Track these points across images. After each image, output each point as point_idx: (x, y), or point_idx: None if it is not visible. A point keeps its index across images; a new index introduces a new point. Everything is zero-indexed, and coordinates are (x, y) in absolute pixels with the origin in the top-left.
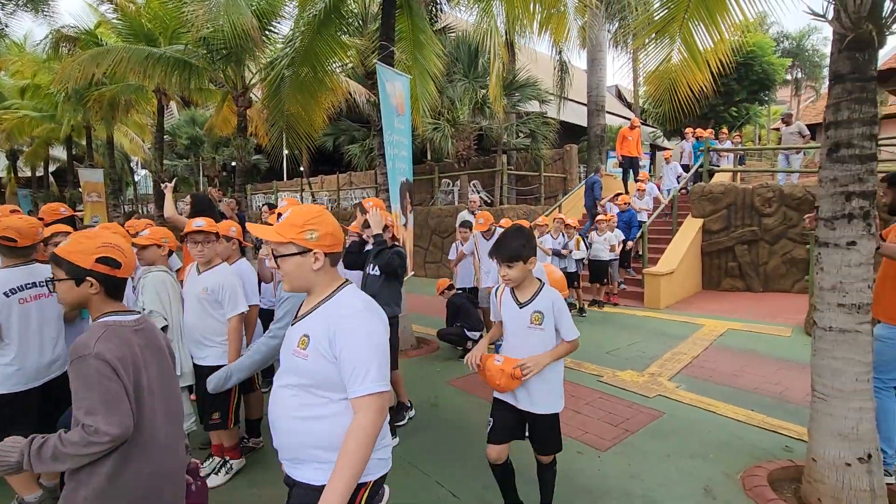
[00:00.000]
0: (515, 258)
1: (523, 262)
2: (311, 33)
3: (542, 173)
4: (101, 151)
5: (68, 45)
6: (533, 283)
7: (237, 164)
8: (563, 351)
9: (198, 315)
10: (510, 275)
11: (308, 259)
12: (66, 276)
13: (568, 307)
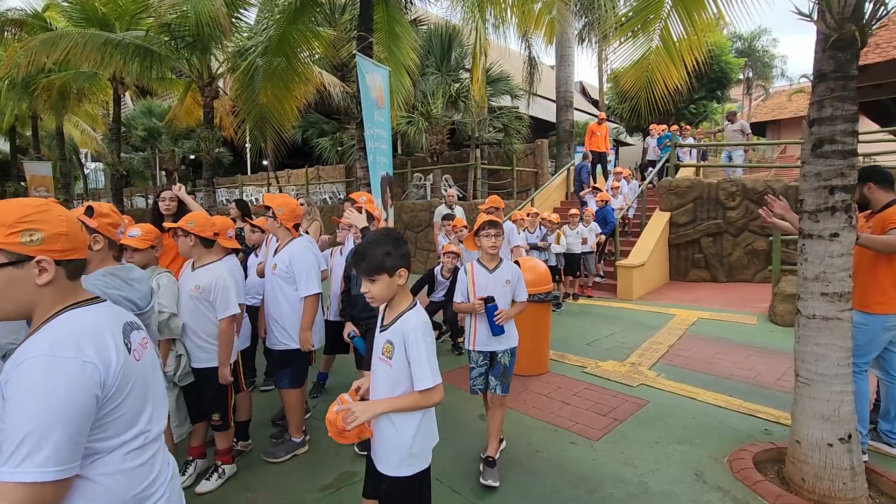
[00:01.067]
0: (377, 270)
1: (388, 275)
2: (286, 22)
3: (514, 168)
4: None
5: (13, 28)
6: (403, 302)
7: (204, 158)
8: (407, 403)
9: (191, 313)
10: (372, 291)
11: (27, 272)
12: None
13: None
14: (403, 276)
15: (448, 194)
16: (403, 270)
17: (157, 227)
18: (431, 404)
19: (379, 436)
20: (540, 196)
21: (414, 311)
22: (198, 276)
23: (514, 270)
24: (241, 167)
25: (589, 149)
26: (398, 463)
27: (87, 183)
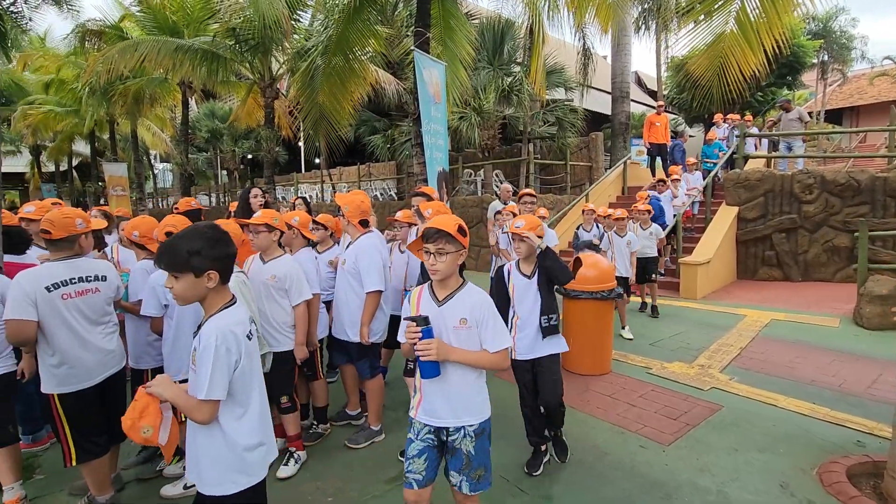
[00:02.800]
0: (180, 268)
1: (194, 275)
2: (345, 21)
3: (567, 162)
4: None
5: (93, 39)
6: (212, 307)
7: (265, 156)
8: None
9: (265, 302)
10: (175, 289)
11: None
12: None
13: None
14: (214, 278)
15: (503, 189)
16: (215, 274)
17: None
18: (203, 420)
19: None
20: (595, 191)
21: (218, 315)
22: (272, 266)
23: (479, 301)
24: (296, 166)
25: (648, 141)
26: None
27: (156, 182)
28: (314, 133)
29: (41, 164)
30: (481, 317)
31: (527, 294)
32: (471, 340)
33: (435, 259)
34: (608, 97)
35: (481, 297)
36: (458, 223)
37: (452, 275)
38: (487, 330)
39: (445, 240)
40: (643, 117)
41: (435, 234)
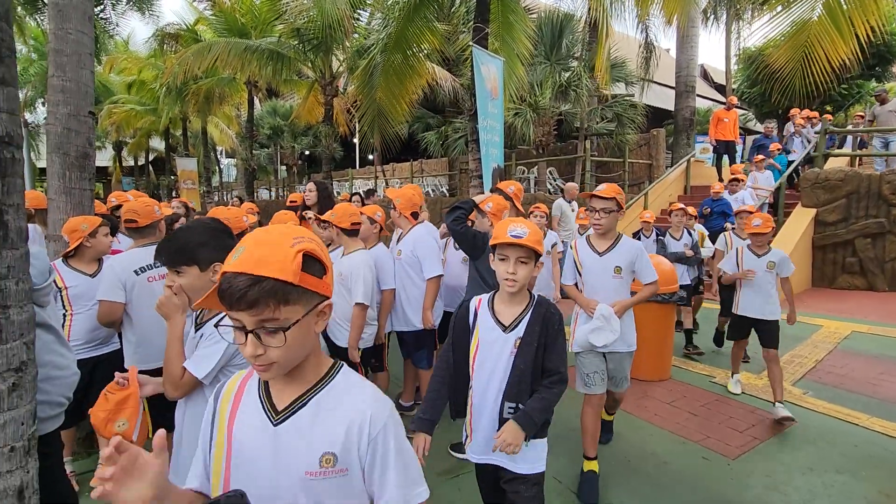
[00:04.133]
0: (184, 261)
1: (199, 268)
2: (404, 18)
3: (626, 160)
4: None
5: (171, 42)
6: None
7: (324, 152)
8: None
9: (334, 296)
10: (177, 285)
11: None
12: None
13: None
14: (217, 268)
15: (568, 188)
16: (219, 265)
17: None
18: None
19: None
20: (654, 190)
21: None
22: (342, 263)
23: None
24: (350, 161)
25: (714, 137)
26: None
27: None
28: (370, 130)
29: (122, 158)
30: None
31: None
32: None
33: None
34: (671, 92)
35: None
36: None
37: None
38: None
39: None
40: (709, 113)
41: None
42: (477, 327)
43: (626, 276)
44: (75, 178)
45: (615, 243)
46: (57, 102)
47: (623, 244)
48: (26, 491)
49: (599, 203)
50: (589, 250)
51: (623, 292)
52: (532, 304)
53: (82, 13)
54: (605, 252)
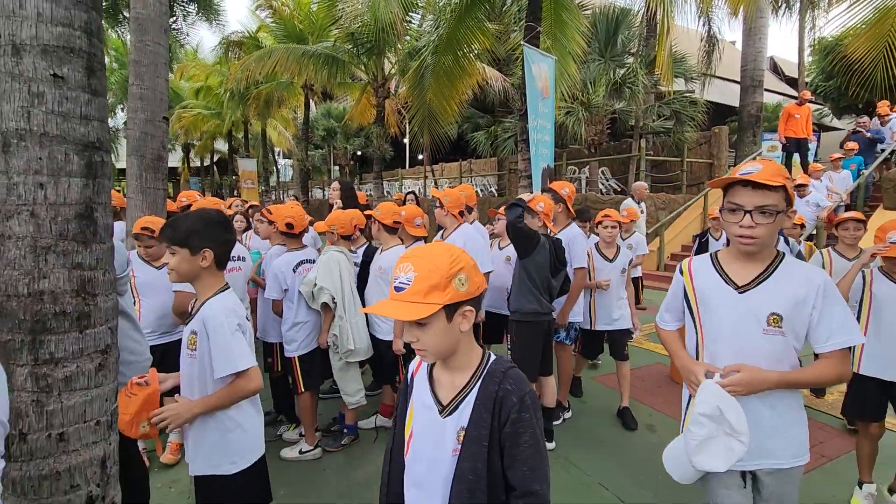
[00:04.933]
0: (178, 242)
1: (189, 251)
2: (455, 20)
3: (684, 159)
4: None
5: (235, 49)
6: (207, 290)
7: (375, 153)
8: (221, 398)
9: (373, 291)
10: (171, 263)
11: None
12: None
13: None
14: (208, 259)
15: (636, 188)
16: (209, 253)
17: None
18: (249, 393)
19: None
20: (716, 191)
21: (219, 297)
22: (382, 258)
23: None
24: (401, 161)
25: (784, 135)
26: None
27: (279, 176)
28: (420, 130)
29: (190, 159)
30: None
31: None
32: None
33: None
34: (736, 87)
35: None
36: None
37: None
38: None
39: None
40: (779, 108)
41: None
42: (412, 400)
43: (791, 331)
44: (150, 178)
45: (770, 269)
46: (135, 109)
47: (788, 270)
48: (108, 461)
49: (756, 197)
50: (718, 279)
51: (781, 358)
52: (480, 374)
53: (159, 26)
54: (750, 286)
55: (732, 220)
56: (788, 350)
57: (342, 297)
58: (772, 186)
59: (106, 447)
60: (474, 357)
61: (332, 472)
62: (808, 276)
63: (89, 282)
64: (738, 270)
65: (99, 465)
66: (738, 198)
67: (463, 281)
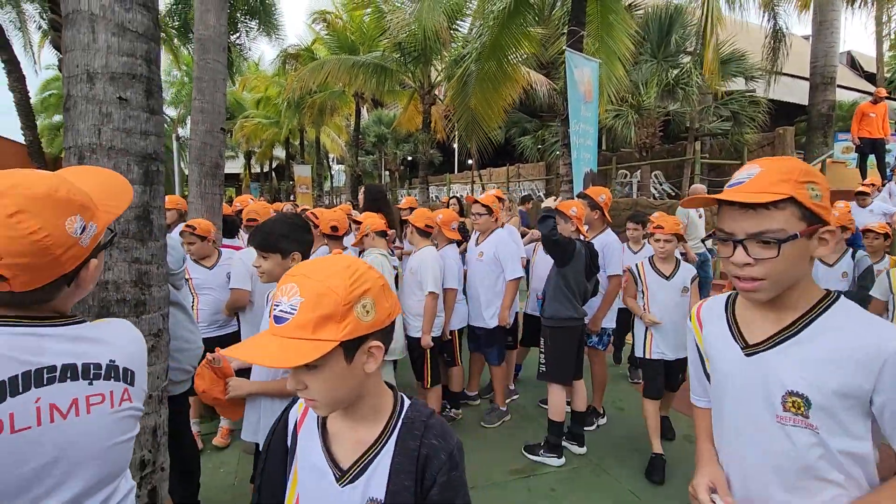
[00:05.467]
0: (269, 248)
1: (281, 255)
2: (498, 27)
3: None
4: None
5: (292, 61)
6: None
7: (420, 158)
8: (282, 386)
9: (406, 293)
10: (262, 267)
11: None
12: None
13: None
14: (297, 260)
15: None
16: (298, 255)
17: None
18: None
19: None
20: None
21: None
22: (412, 259)
23: None
24: (449, 166)
25: (858, 135)
26: None
27: (332, 182)
28: (466, 135)
29: (251, 166)
30: None
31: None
32: None
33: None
34: (805, 84)
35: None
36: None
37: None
38: None
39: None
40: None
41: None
42: (296, 460)
43: (830, 423)
44: (209, 184)
45: (804, 320)
46: (197, 121)
47: (837, 323)
48: (158, 431)
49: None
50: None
51: (818, 466)
52: (394, 425)
53: (218, 45)
54: (762, 347)
55: (724, 255)
56: (831, 455)
57: None
58: (769, 203)
59: (157, 418)
60: (384, 403)
61: None
62: (869, 337)
63: (145, 274)
64: (753, 320)
65: (151, 434)
66: (726, 222)
67: (368, 308)
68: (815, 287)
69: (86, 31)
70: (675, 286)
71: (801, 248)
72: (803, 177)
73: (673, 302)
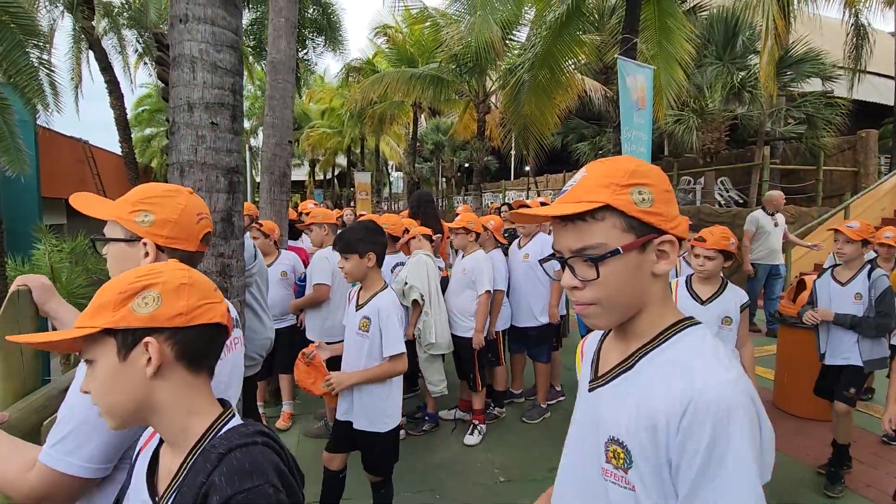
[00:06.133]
0: (349, 250)
1: (358, 256)
2: (552, 36)
3: (820, 167)
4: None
5: (354, 74)
6: (376, 284)
7: (474, 165)
8: (379, 373)
9: (455, 292)
10: (346, 268)
11: (137, 250)
12: None
13: None
14: (372, 259)
15: (771, 198)
16: (372, 255)
17: None
18: (398, 372)
19: (359, 397)
20: (860, 202)
21: (386, 291)
22: (464, 262)
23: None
24: (505, 173)
25: None
26: (374, 420)
27: (391, 188)
28: (521, 143)
29: (315, 173)
30: None
31: None
32: None
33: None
34: (890, 83)
35: None
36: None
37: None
38: None
39: None
40: None
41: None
42: (130, 485)
43: (644, 481)
44: (277, 192)
45: (638, 354)
46: (268, 135)
47: (666, 357)
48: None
49: (569, 236)
50: (588, 361)
51: None
52: (195, 453)
53: (288, 67)
54: (601, 381)
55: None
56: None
57: (429, 296)
58: (584, 213)
59: None
60: (196, 425)
61: (412, 454)
62: (681, 382)
63: (227, 266)
64: (611, 349)
65: None
66: (554, 239)
67: (148, 301)
68: (671, 312)
69: (187, 70)
70: (712, 314)
71: (632, 265)
72: (628, 179)
73: None
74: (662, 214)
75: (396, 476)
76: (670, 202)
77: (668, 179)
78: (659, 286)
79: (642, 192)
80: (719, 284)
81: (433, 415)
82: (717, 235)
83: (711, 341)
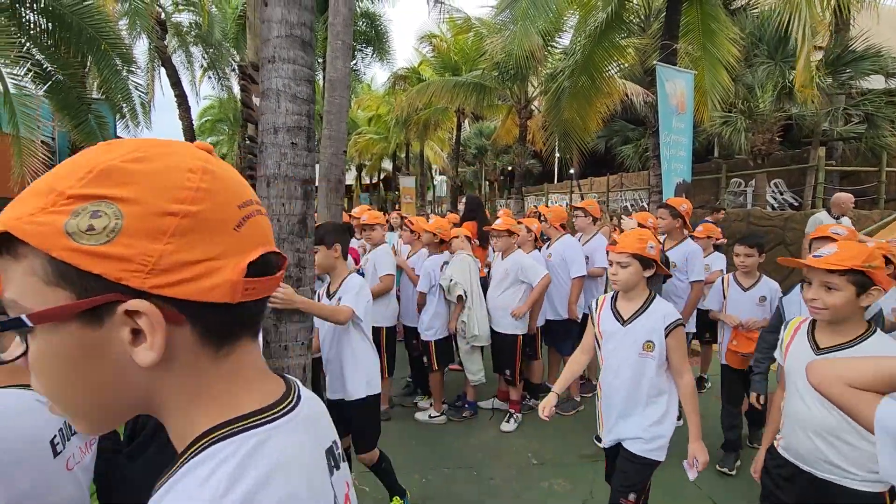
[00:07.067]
0: (319, 242)
1: (326, 247)
2: (592, 43)
3: (882, 168)
4: (414, 162)
5: (400, 82)
6: (342, 272)
7: (516, 169)
8: (325, 310)
9: (497, 291)
10: (315, 259)
11: None
12: None
13: None
14: (338, 250)
15: (839, 200)
16: (338, 246)
17: None
18: (338, 318)
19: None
20: None
21: (353, 275)
22: (506, 262)
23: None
24: (548, 177)
25: None
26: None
27: (434, 192)
28: (564, 146)
29: (362, 177)
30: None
31: None
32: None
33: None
34: None
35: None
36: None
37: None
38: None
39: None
40: None
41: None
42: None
43: None
44: (333, 197)
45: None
46: (325, 146)
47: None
48: (307, 369)
49: None
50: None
51: None
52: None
53: (344, 84)
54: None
55: None
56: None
57: (471, 292)
58: None
59: (306, 360)
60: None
61: (452, 436)
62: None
63: (302, 259)
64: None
65: (301, 370)
66: None
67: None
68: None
69: (273, 101)
70: (635, 335)
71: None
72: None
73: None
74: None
75: (435, 454)
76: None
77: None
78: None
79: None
80: (644, 299)
81: (472, 403)
82: (632, 237)
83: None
